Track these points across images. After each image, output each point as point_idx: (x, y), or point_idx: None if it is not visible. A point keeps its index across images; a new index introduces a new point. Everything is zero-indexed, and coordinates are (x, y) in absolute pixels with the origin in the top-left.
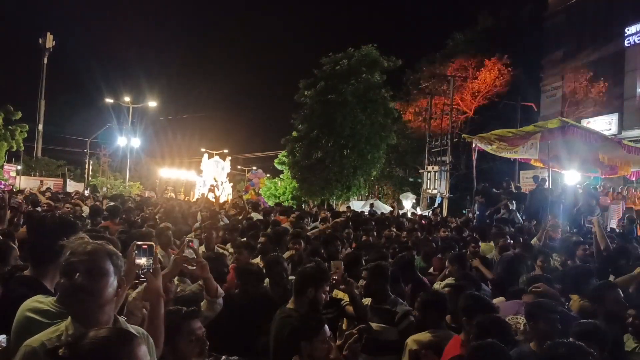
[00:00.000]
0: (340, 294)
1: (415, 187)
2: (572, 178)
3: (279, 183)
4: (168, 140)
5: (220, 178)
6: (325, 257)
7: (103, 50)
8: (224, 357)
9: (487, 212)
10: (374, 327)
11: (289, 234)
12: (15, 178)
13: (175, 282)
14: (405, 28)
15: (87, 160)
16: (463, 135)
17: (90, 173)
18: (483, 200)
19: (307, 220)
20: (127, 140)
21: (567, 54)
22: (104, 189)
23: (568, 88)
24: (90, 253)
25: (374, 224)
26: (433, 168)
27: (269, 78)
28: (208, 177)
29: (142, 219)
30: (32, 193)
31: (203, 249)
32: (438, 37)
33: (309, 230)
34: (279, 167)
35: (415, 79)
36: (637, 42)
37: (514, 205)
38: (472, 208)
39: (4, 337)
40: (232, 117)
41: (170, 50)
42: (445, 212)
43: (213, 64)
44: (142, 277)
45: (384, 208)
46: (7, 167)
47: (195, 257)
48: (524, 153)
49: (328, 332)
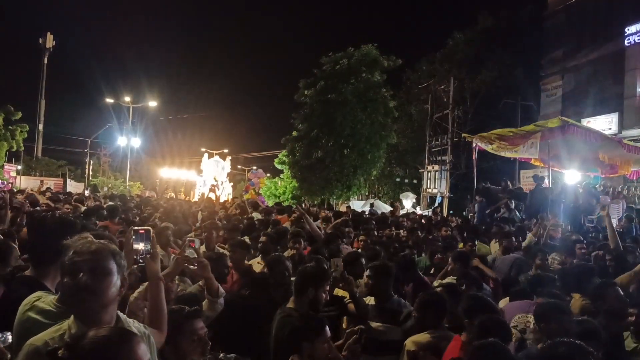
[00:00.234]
0: (341, 292)
1: (416, 186)
2: (572, 177)
3: (279, 183)
4: (168, 140)
5: (221, 178)
6: (327, 256)
7: (103, 50)
8: (222, 354)
9: (487, 211)
10: (377, 326)
11: (289, 234)
12: (16, 178)
13: (176, 281)
14: (405, 28)
15: (87, 160)
16: (463, 135)
17: (91, 173)
18: (483, 200)
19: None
20: (127, 140)
21: (567, 53)
22: (105, 189)
23: (568, 87)
24: (94, 252)
25: (375, 224)
26: (433, 167)
27: (269, 78)
28: (208, 176)
29: (141, 219)
30: (30, 194)
31: (203, 249)
32: (438, 36)
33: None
34: (279, 166)
35: (415, 79)
36: (637, 41)
37: (514, 204)
38: (472, 207)
39: (9, 334)
40: (232, 116)
41: (171, 50)
42: (446, 211)
43: (213, 64)
44: (140, 261)
45: (384, 208)
46: (7, 167)
47: (197, 256)
48: (525, 152)
49: (328, 332)
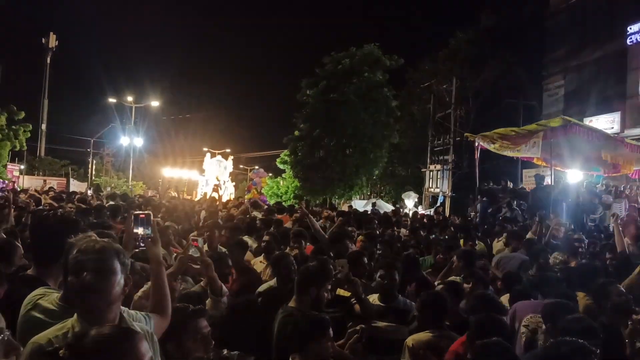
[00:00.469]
0: (342, 292)
1: (418, 186)
2: (574, 176)
3: (281, 182)
4: (170, 140)
5: (223, 177)
6: (332, 255)
7: (106, 50)
8: (225, 351)
9: (489, 210)
10: (385, 326)
11: (291, 233)
12: (19, 178)
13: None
14: (407, 27)
15: (90, 160)
16: (465, 134)
17: (94, 173)
18: (485, 200)
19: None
20: (130, 140)
21: (569, 53)
22: (108, 189)
23: (570, 86)
24: (99, 251)
25: (377, 223)
26: (435, 167)
27: (271, 77)
28: (210, 176)
29: None
30: (32, 193)
31: (206, 248)
32: (440, 36)
33: None
34: (281, 166)
35: (417, 78)
36: (639, 40)
37: (515, 204)
38: (474, 207)
39: (8, 332)
40: (234, 116)
41: (173, 50)
42: (448, 211)
43: (215, 64)
44: (141, 245)
45: (387, 207)
46: (10, 166)
47: (200, 256)
48: (527, 152)
49: (331, 332)
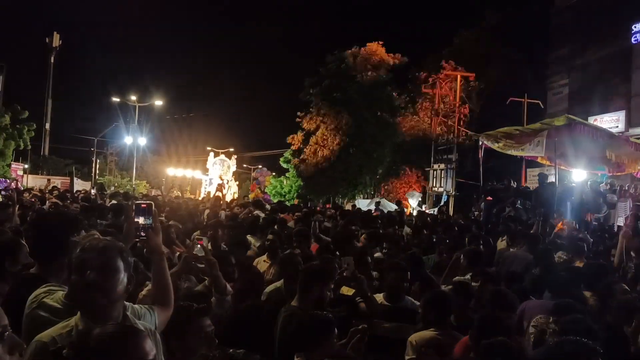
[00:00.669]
0: (346, 290)
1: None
2: (579, 175)
3: (285, 181)
4: (174, 139)
5: (226, 177)
6: (339, 254)
7: (109, 50)
8: (232, 350)
9: (493, 210)
10: (389, 325)
11: (294, 233)
12: (23, 177)
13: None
14: (411, 25)
15: (94, 159)
16: (469, 133)
17: (97, 172)
18: (490, 199)
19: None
20: (133, 139)
21: (574, 51)
22: (112, 188)
23: (575, 85)
24: (102, 250)
25: (380, 222)
26: (439, 166)
27: (275, 76)
28: (214, 175)
29: None
30: (34, 194)
31: (209, 247)
32: (444, 34)
33: None
34: (285, 165)
35: (421, 77)
36: None
37: (519, 203)
38: (477, 206)
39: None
40: (237, 115)
41: (176, 49)
42: (452, 210)
43: (218, 63)
44: (142, 235)
45: (390, 206)
46: (14, 165)
47: (205, 254)
48: (531, 151)
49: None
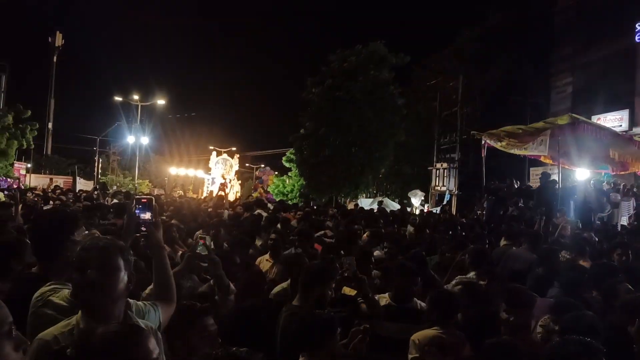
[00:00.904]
0: (347, 290)
1: (424, 184)
2: (582, 174)
3: (287, 181)
4: (176, 138)
5: (229, 176)
6: (343, 253)
7: (112, 49)
8: (234, 348)
9: (496, 210)
10: (393, 326)
11: (296, 232)
12: (25, 176)
13: None
14: (413, 24)
15: (96, 158)
16: (472, 132)
17: (100, 171)
18: (493, 198)
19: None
20: (136, 138)
21: (577, 50)
22: (114, 187)
23: (578, 84)
24: (102, 249)
25: (382, 221)
26: (442, 165)
27: (277, 75)
28: (216, 175)
29: None
30: (37, 193)
31: (211, 246)
32: (446, 33)
33: None
34: (287, 164)
35: (424, 76)
36: None
37: (522, 202)
38: (480, 205)
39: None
40: (240, 114)
41: (179, 48)
42: (455, 209)
43: (221, 62)
44: (142, 230)
45: (393, 205)
46: (17, 165)
47: (208, 253)
48: (534, 150)
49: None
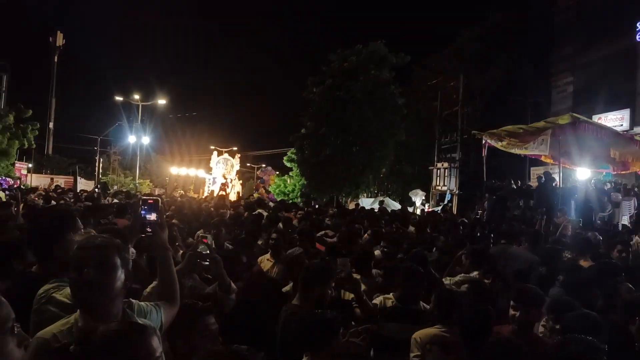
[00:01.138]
0: (348, 296)
1: (425, 184)
2: (583, 174)
3: (288, 180)
4: (177, 138)
5: (230, 175)
6: (345, 253)
7: (113, 49)
8: (235, 345)
9: (496, 209)
10: (399, 327)
11: (297, 232)
12: (27, 176)
13: None
14: (414, 24)
15: (97, 158)
16: (473, 132)
17: (101, 171)
18: (493, 198)
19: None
20: (137, 138)
21: (577, 50)
22: (115, 187)
23: (579, 84)
24: (98, 247)
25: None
26: (443, 165)
27: (278, 75)
28: (217, 174)
29: None
30: (39, 193)
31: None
32: (446, 33)
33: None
34: (288, 164)
35: (424, 76)
36: None
37: (522, 202)
38: (481, 205)
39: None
40: (241, 114)
41: (180, 48)
42: (455, 209)
43: (221, 62)
44: (148, 231)
45: (394, 205)
46: (18, 165)
47: (209, 252)
48: (535, 149)
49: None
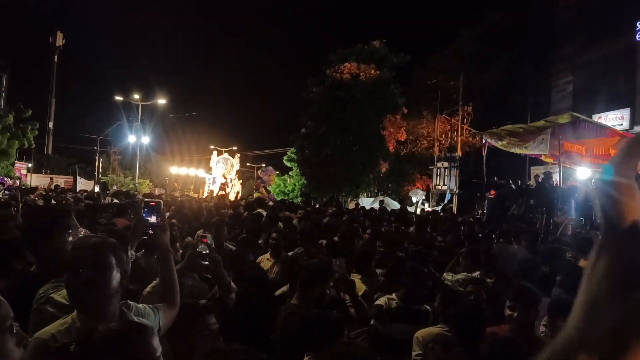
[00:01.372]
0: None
1: (425, 183)
2: (583, 173)
3: (288, 180)
4: (177, 138)
5: (230, 175)
6: (346, 252)
7: (113, 49)
8: (235, 345)
9: (496, 209)
10: (403, 327)
11: (298, 232)
12: (26, 176)
13: None
14: (414, 24)
15: (97, 158)
16: (473, 131)
17: (100, 170)
18: (493, 197)
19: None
20: (136, 138)
21: (577, 49)
22: (115, 187)
23: (579, 83)
24: (93, 247)
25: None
26: (443, 164)
27: (278, 75)
28: (217, 174)
29: None
30: (39, 192)
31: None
32: (446, 32)
33: None
34: (288, 164)
35: (424, 75)
36: None
37: (522, 201)
38: (481, 205)
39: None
40: (241, 114)
41: (180, 48)
42: (455, 208)
43: (222, 62)
44: (149, 233)
45: (394, 205)
46: (18, 164)
47: (209, 252)
48: (535, 149)
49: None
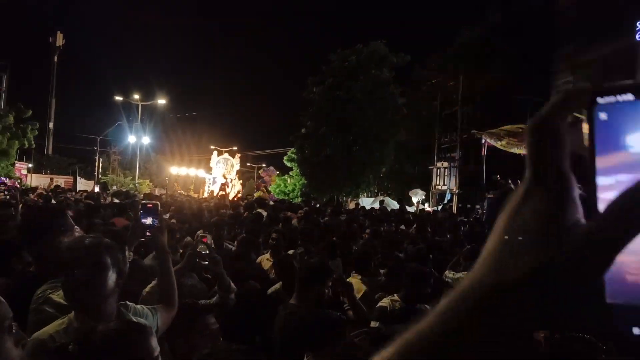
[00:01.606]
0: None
1: (425, 183)
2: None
3: (289, 180)
4: (177, 138)
5: (230, 175)
6: (346, 253)
7: (113, 49)
8: (235, 345)
9: (497, 209)
10: (401, 328)
11: (299, 232)
12: (26, 176)
13: None
14: (414, 24)
15: (97, 158)
16: (472, 131)
17: (100, 170)
18: (493, 197)
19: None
20: (136, 138)
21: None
22: (114, 187)
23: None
24: (87, 247)
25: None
26: (442, 164)
27: (278, 75)
28: (217, 174)
29: None
30: (40, 193)
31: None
32: (447, 32)
33: None
34: (288, 164)
35: (424, 75)
36: None
37: None
38: (481, 204)
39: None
40: (241, 114)
41: (180, 48)
42: (455, 208)
43: (222, 62)
44: (147, 235)
45: (394, 205)
46: (18, 165)
47: (209, 252)
48: None
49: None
